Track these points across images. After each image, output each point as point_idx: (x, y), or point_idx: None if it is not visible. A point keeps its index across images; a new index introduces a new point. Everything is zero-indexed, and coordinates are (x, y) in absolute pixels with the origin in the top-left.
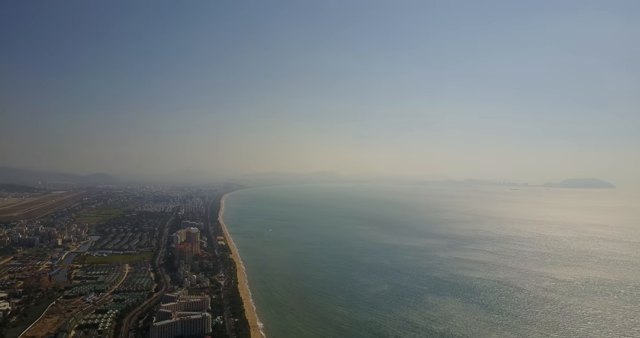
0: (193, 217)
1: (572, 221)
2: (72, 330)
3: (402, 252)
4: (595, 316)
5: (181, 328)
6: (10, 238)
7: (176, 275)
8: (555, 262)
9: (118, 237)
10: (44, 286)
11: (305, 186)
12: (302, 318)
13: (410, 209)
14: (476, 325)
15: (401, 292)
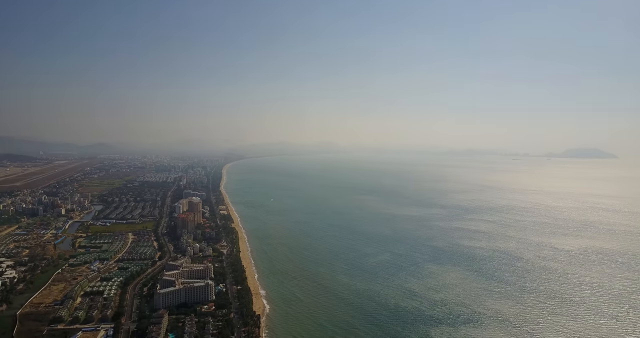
0: (195, 187)
1: (572, 191)
2: (78, 297)
3: (402, 222)
4: (592, 284)
5: (185, 296)
6: (14, 208)
7: (179, 244)
8: (555, 231)
9: (121, 207)
10: (49, 254)
11: (305, 157)
12: (303, 287)
13: (410, 179)
14: (476, 293)
15: (401, 261)
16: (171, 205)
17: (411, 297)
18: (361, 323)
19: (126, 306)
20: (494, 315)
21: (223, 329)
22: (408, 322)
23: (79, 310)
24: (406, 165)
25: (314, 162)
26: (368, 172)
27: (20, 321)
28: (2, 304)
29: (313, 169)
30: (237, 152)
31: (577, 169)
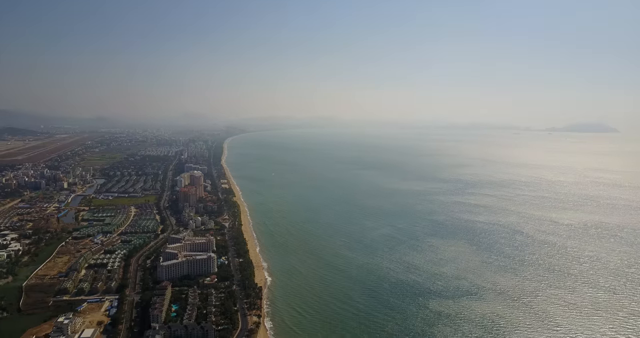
0: (196, 161)
1: (573, 166)
2: (82, 269)
3: (403, 196)
4: (591, 258)
5: (187, 268)
6: (17, 182)
7: (181, 217)
8: (555, 205)
9: (123, 180)
10: (53, 227)
11: (306, 131)
12: (305, 260)
13: (411, 154)
14: (475, 266)
15: (402, 235)
16: (173, 179)
17: (411, 270)
18: (360, 296)
19: (130, 278)
20: (493, 288)
21: (225, 301)
22: (407, 295)
23: (83, 282)
24: (408, 140)
25: (316, 137)
26: (369, 147)
27: (26, 292)
28: (8, 276)
29: (315, 143)
30: (238, 126)
31: (579, 143)
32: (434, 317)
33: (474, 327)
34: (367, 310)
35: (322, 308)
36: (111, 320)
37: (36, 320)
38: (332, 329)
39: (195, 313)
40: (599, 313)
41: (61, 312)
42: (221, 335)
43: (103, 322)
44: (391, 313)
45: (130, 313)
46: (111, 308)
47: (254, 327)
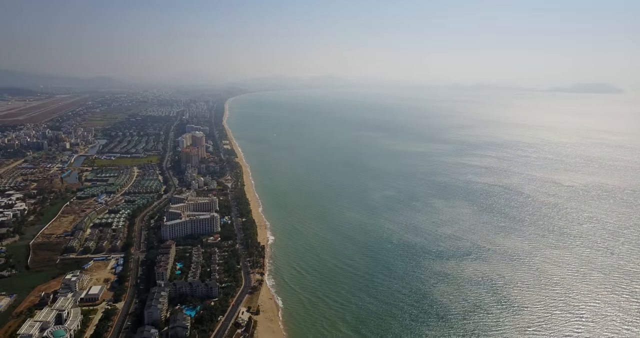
0: (198, 121)
1: (577, 127)
2: (87, 229)
3: (407, 157)
4: (591, 219)
5: (191, 228)
6: (19, 142)
7: (183, 177)
8: (557, 167)
9: (124, 141)
10: (57, 188)
11: (307, 91)
12: (307, 220)
13: (415, 115)
14: (477, 227)
15: (407, 197)
16: (174, 139)
17: (413, 231)
18: (360, 257)
19: (134, 237)
20: (493, 248)
21: (229, 259)
22: (408, 255)
23: (89, 241)
24: (412, 100)
25: (317, 97)
26: (371, 108)
27: (34, 251)
28: (15, 235)
29: (316, 104)
30: (239, 86)
31: (583, 104)
32: (435, 277)
33: (473, 286)
34: (366, 270)
35: (322, 268)
36: (117, 278)
37: (44, 277)
38: (330, 288)
39: (199, 271)
40: (594, 273)
41: (68, 269)
42: (225, 292)
43: (109, 279)
44: (390, 273)
45: (135, 271)
46: (117, 266)
47: (257, 285)
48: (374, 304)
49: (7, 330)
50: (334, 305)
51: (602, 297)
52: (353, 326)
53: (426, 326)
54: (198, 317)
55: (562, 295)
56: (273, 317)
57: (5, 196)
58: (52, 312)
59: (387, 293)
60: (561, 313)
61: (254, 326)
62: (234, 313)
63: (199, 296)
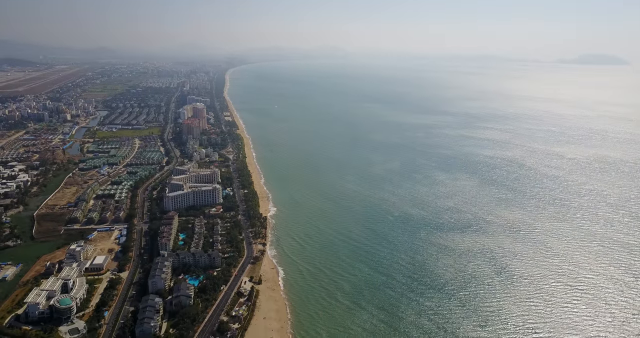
0: (198, 93)
1: (581, 99)
2: (90, 200)
3: (411, 130)
4: (592, 191)
5: (193, 199)
6: (20, 113)
7: (185, 149)
8: (560, 139)
9: (125, 113)
10: (59, 159)
11: (309, 62)
12: (308, 192)
13: (418, 86)
14: (480, 199)
15: (410, 169)
16: (175, 111)
17: (416, 204)
18: (360, 229)
19: (137, 208)
20: (495, 220)
21: (231, 230)
22: (408, 228)
23: (92, 212)
24: (415, 71)
25: (318, 68)
26: (373, 79)
27: (38, 221)
28: (19, 206)
29: (317, 75)
30: (239, 57)
31: (588, 76)
32: (434, 249)
33: (473, 257)
34: (366, 241)
35: (322, 239)
36: (121, 248)
37: (49, 247)
38: (330, 259)
39: (202, 241)
40: (594, 245)
41: (73, 240)
42: (227, 262)
43: (113, 249)
44: (389, 245)
45: (139, 242)
46: (120, 237)
47: (259, 255)
48: (372, 275)
49: (15, 298)
50: (333, 275)
51: (600, 269)
52: (351, 296)
53: (423, 297)
54: (201, 287)
55: (561, 267)
56: (275, 286)
57: (7, 167)
58: (58, 281)
59: (386, 265)
60: (559, 284)
61: (256, 295)
62: (236, 282)
63: (201, 266)
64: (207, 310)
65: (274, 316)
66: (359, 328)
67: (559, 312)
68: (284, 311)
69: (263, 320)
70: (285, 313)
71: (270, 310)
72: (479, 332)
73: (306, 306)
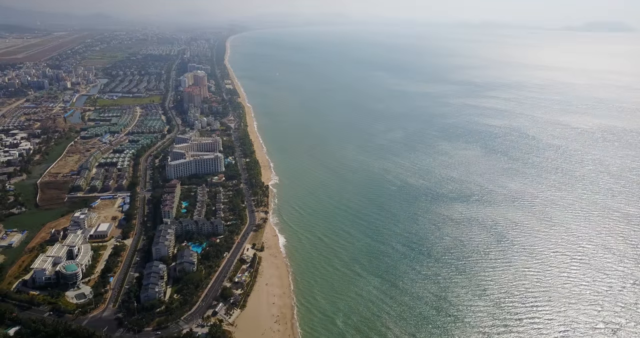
0: (199, 60)
1: (587, 67)
2: (93, 168)
3: (415, 99)
4: (594, 161)
5: (195, 167)
6: (20, 81)
7: (186, 118)
8: (565, 108)
9: (126, 80)
10: (60, 127)
11: (311, 29)
12: (311, 162)
13: (421, 54)
14: (484, 169)
15: (415, 139)
16: (176, 78)
17: (426, 175)
18: (361, 199)
19: (140, 176)
20: (496, 190)
21: (233, 198)
22: (409, 198)
23: (95, 180)
24: (419, 39)
25: (319, 35)
26: (376, 47)
27: (42, 189)
28: (22, 174)
29: (318, 41)
30: (240, 23)
31: (595, 44)
32: (435, 219)
33: (474, 227)
34: (366, 211)
35: (323, 209)
36: (125, 216)
37: (54, 214)
38: (329, 228)
39: (205, 209)
40: (594, 215)
41: (76, 207)
42: (230, 229)
43: (117, 217)
44: (389, 215)
45: (142, 210)
46: (124, 205)
47: (261, 223)
48: (371, 244)
49: (21, 264)
50: (332, 244)
51: (599, 240)
52: (348, 264)
53: (421, 265)
54: (204, 253)
55: (561, 237)
56: (277, 253)
57: (9, 135)
58: (63, 248)
59: (385, 234)
60: (558, 254)
61: (259, 262)
62: (239, 249)
63: (204, 234)
64: (211, 277)
65: (276, 282)
66: (356, 295)
67: (558, 281)
68: (286, 277)
69: (265, 286)
70: (287, 279)
71: (272, 277)
72: (477, 301)
73: (305, 273)
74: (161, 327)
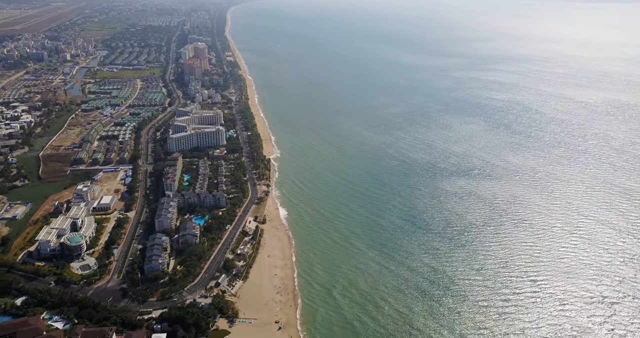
0: (199, 32)
1: (593, 39)
2: (94, 141)
3: (419, 71)
4: (597, 135)
5: (197, 140)
6: (19, 53)
7: (187, 90)
8: (569, 82)
9: (126, 52)
10: (61, 100)
11: None
12: (312, 136)
13: (424, 26)
14: (488, 143)
15: (419, 113)
16: (176, 51)
17: (430, 149)
18: (363, 173)
19: (141, 149)
20: (499, 164)
21: (235, 171)
22: (411, 172)
23: (97, 153)
24: (422, 10)
25: (321, 5)
26: (379, 18)
27: (44, 162)
28: (24, 146)
29: (322, 13)
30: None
31: (601, 14)
32: (436, 193)
33: (475, 200)
34: (366, 186)
35: (323, 183)
36: (127, 188)
37: (56, 187)
38: (329, 202)
39: (207, 182)
40: (595, 189)
41: (79, 180)
42: (232, 202)
43: (119, 190)
44: (390, 190)
45: (144, 182)
46: (126, 178)
47: (263, 196)
48: (370, 218)
49: (26, 236)
50: (331, 217)
51: (599, 215)
52: (346, 237)
53: (418, 239)
54: (207, 226)
55: (561, 212)
56: (279, 226)
57: (10, 108)
58: (67, 220)
59: (384, 209)
60: (559, 229)
61: (261, 234)
62: (241, 222)
63: (207, 206)
64: (213, 249)
65: (278, 254)
66: (354, 268)
67: (557, 256)
68: (287, 249)
69: (267, 258)
70: (289, 251)
71: (274, 249)
72: (476, 275)
73: (305, 246)
74: (165, 298)
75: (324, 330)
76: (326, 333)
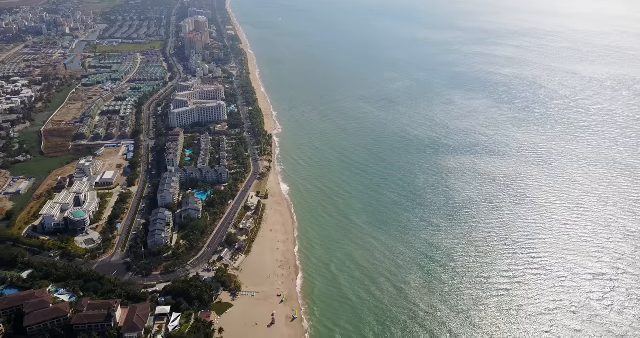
0: (200, 5)
1: (599, 13)
2: (95, 116)
3: (423, 46)
4: (601, 111)
5: (198, 115)
6: (17, 26)
7: (188, 65)
8: (575, 56)
9: (125, 26)
10: (61, 74)
11: None
12: (315, 112)
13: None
14: (492, 119)
15: (423, 88)
16: (177, 24)
17: (434, 126)
18: (364, 150)
19: (143, 124)
20: (502, 140)
21: (237, 146)
22: (410, 150)
23: (98, 128)
24: None
25: None
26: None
27: (46, 137)
28: (25, 121)
29: None
30: None
31: None
32: (438, 169)
33: (477, 177)
34: (366, 162)
35: (324, 159)
36: (129, 164)
37: (59, 162)
38: (328, 177)
39: (209, 158)
40: (598, 165)
41: (81, 155)
42: (234, 177)
43: (122, 165)
44: (391, 167)
45: (146, 157)
46: (128, 153)
47: (265, 171)
48: (369, 195)
49: (30, 210)
50: (330, 193)
51: (600, 192)
52: (345, 213)
53: (418, 215)
54: (209, 201)
55: (563, 188)
56: (281, 201)
57: (10, 82)
58: (70, 195)
59: (384, 185)
60: (560, 205)
61: (263, 209)
62: (243, 197)
63: (209, 181)
64: (216, 223)
65: (280, 229)
66: (351, 243)
67: (558, 231)
68: (289, 224)
69: (269, 232)
70: (290, 226)
71: (276, 223)
72: (476, 250)
73: (305, 221)
74: (168, 271)
75: (324, 305)
76: (326, 308)
